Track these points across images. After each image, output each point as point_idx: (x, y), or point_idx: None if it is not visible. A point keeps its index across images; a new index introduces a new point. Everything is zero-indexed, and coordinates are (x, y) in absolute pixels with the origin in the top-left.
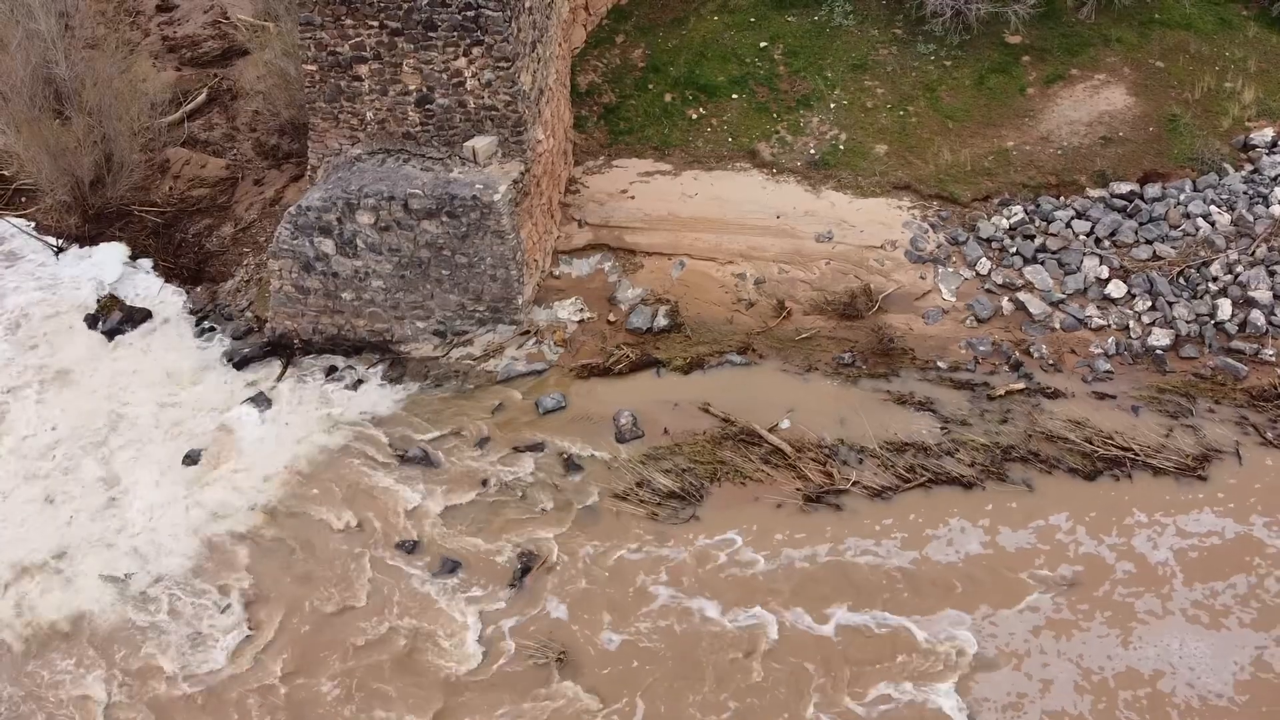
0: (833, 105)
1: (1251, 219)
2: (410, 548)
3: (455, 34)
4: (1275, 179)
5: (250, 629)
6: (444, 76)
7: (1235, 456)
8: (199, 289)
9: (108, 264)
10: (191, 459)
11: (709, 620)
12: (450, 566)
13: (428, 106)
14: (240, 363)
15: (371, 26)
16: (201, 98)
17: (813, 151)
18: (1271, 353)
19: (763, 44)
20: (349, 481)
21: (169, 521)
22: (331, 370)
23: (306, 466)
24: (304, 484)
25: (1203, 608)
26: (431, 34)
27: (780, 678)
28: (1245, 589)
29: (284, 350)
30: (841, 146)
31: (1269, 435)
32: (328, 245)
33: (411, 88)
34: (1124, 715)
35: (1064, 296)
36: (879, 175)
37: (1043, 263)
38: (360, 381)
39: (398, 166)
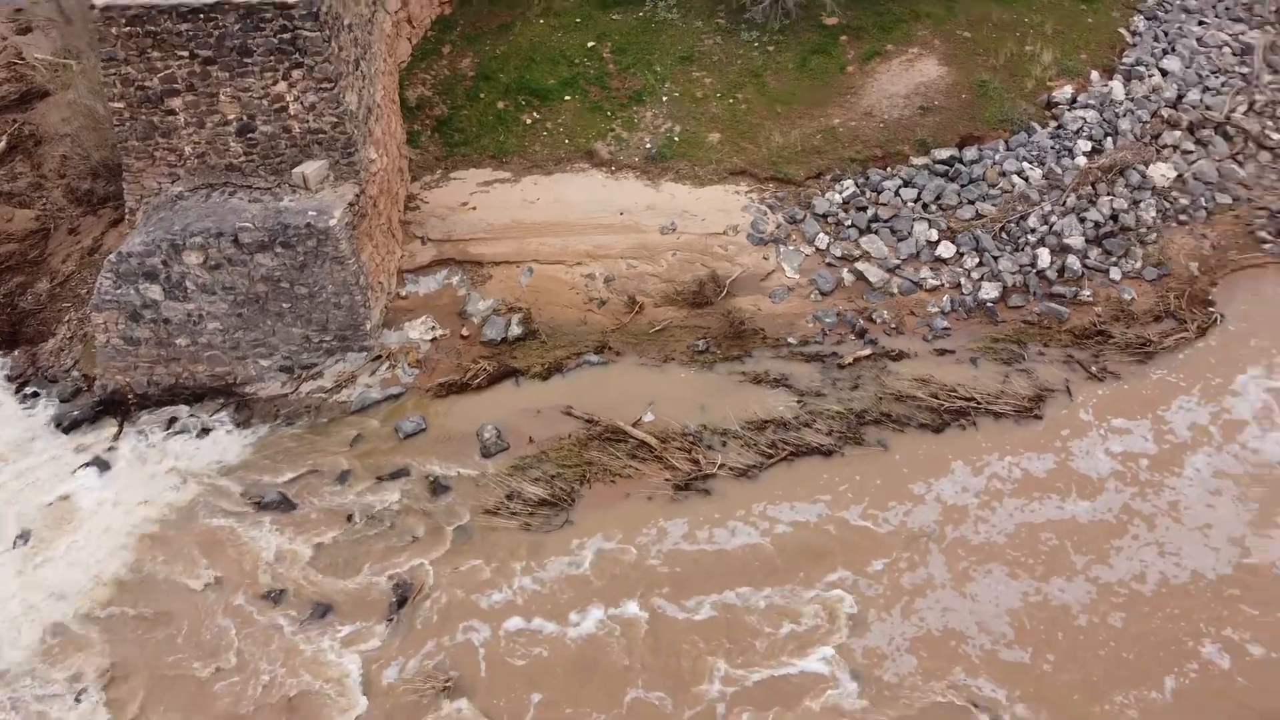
0: (664, 99)
1: (1060, 171)
2: (278, 597)
3: (273, 58)
4: (1077, 132)
5: (111, 713)
6: (264, 103)
7: (1065, 393)
8: (16, 353)
9: None
10: (24, 538)
11: (592, 621)
12: (322, 610)
13: (250, 135)
14: (70, 426)
15: (181, 57)
16: (1, 145)
17: (649, 146)
18: (1089, 294)
19: (590, 44)
20: (203, 537)
21: (3, 613)
22: (173, 422)
23: (155, 528)
24: (154, 547)
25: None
26: (247, 60)
27: (664, 666)
28: None
29: (118, 407)
30: (676, 138)
31: (1093, 369)
32: (155, 291)
33: (231, 117)
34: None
35: (899, 262)
36: (715, 163)
37: (877, 232)
38: (206, 430)
39: (224, 200)
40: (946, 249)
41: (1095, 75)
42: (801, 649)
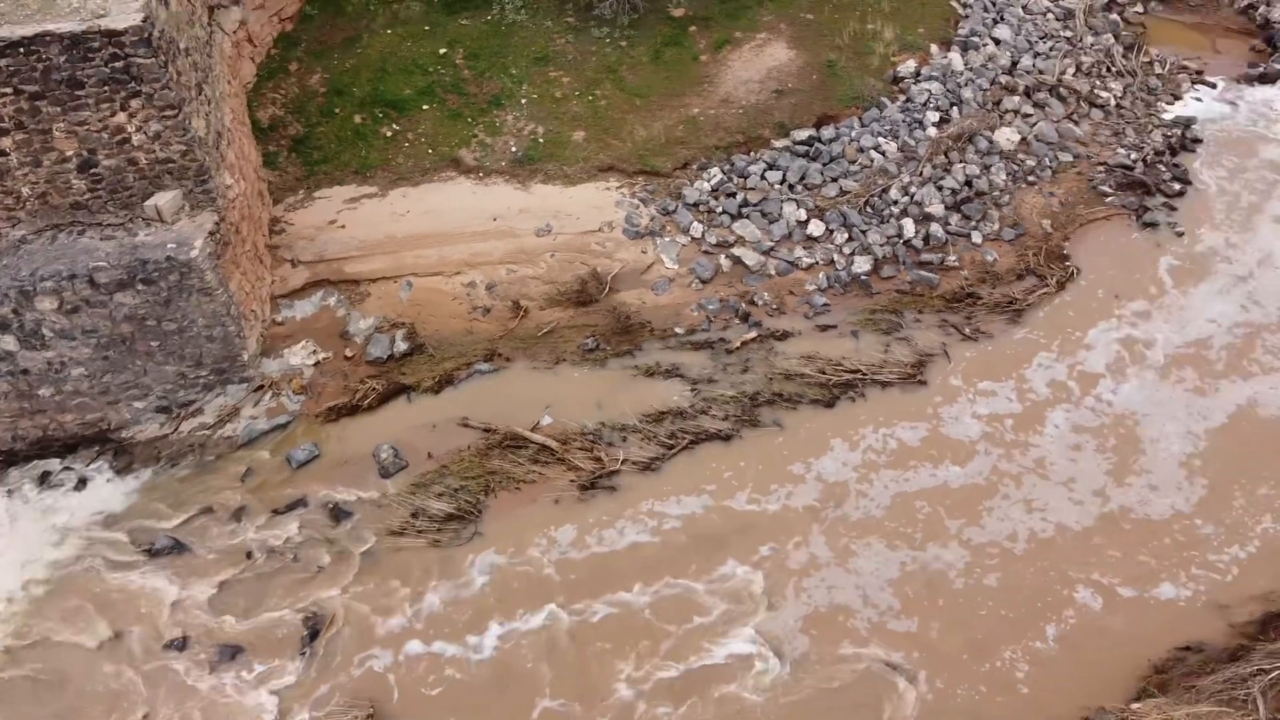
0: (524, 101)
1: (914, 143)
2: (181, 645)
3: (107, 88)
4: (925, 104)
5: None
6: (105, 136)
7: (944, 355)
8: None
9: None
10: None
11: (506, 635)
12: (230, 653)
13: (93, 171)
14: None
15: (4, 94)
16: None
17: (514, 149)
18: (954, 259)
19: (442, 50)
20: (94, 593)
21: None
22: (46, 476)
23: (39, 590)
24: (40, 609)
25: None
26: (79, 92)
27: (585, 667)
28: None
29: None
30: (541, 140)
31: (967, 331)
32: (9, 342)
33: (69, 153)
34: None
35: (773, 244)
36: (582, 161)
37: (748, 216)
38: (84, 481)
39: (73, 241)
40: (816, 227)
41: (935, 48)
42: (712, 638)
